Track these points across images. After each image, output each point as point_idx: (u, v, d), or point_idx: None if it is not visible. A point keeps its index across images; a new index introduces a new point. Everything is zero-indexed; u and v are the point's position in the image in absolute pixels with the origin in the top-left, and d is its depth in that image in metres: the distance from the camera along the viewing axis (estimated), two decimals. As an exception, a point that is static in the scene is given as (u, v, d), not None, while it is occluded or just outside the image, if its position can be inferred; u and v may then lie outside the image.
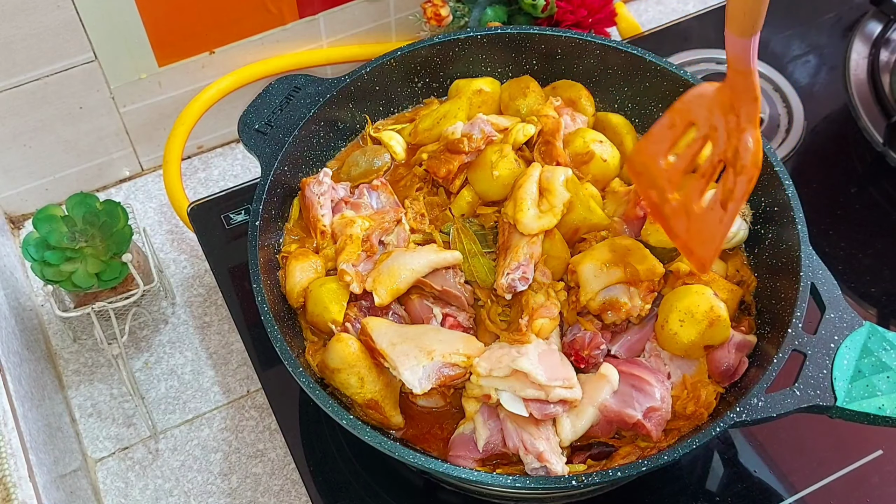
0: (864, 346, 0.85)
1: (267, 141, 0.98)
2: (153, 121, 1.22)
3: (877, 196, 1.19)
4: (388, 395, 0.88)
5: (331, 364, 0.87)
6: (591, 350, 0.89)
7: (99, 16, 1.07)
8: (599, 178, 0.99)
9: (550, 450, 0.83)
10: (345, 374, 0.86)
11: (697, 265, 0.85)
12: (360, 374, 0.86)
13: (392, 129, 1.05)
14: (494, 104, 1.06)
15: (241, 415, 1.09)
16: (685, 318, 0.87)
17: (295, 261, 0.94)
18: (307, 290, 0.93)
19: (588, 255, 0.91)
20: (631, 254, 0.90)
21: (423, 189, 1.01)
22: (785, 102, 1.25)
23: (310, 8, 1.20)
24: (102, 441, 1.07)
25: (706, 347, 0.88)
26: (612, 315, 0.90)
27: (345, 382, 0.87)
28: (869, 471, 0.97)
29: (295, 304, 0.94)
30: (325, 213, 0.97)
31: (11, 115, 1.12)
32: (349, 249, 0.93)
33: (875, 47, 1.27)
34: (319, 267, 0.95)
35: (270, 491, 1.03)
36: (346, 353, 0.86)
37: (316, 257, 0.95)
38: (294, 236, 0.98)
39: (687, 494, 0.96)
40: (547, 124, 0.99)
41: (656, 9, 1.45)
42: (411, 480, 0.97)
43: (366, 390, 0.86)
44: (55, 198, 1.23)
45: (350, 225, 0.95)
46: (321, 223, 0.96)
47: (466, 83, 1.05)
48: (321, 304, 0.91)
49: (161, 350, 1.13)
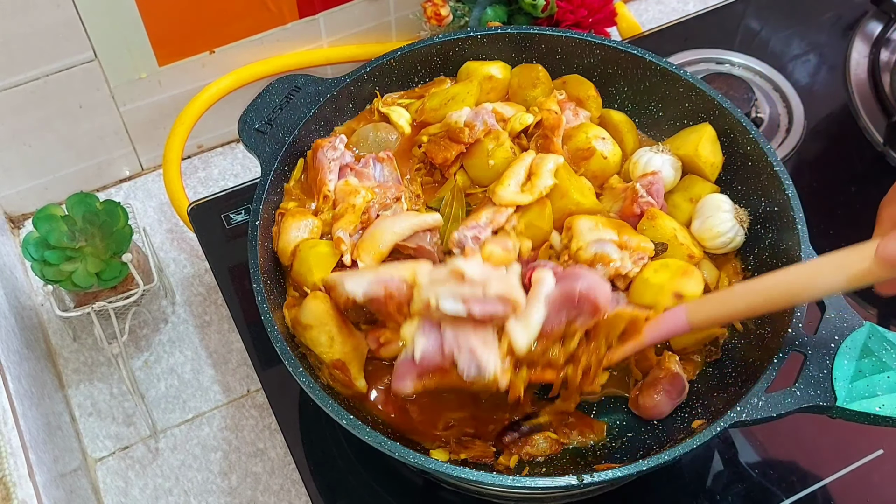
0: (864, 345, 0.85)
1: (267, 140, 0.98)
2: (153, 120, 1.22)
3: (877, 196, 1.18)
4: (355, 357, 0.89)
5: (303, 320, 0.88)
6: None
7: (99, 15, 1.07)
8: (599, 174, 0.99)
9: (485, 347, 0.82)
10: (316, 331, 0.88)
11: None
12: (330, 333, 0.87)
13: (400, 104, 1.05)
14: (503, 91, 1.06)
15: (241, 414, 1.09)
16: (660, 267, 0.90)
17: (291, 218, 0.94)
18: (297, 248, 0.93)
19: (585, 215, 0.93)
20: (625, 228, 0.92)
21: (421, 170, 1.01)
22: (785, 102, 1.25)
23: (310, 8, 1.20)
24: (102, 440, 1.07)
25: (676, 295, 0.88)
26: (600, 269, 0.90)
27: (315, 339, 0.88)
28: (869, 471, 0.97)
29: (286, 263, 0.94)
30: (332, 179, 0.97)
31: (11, 115, 1.12)
32: (348, 218, 0.94)
33: (875, 47, 1.27)
34: (315, 227, 0.95)
35: (270, 490, 1.03)
36: (319, 311, 0.87)
37: (312, 217, 0.95)
38: (294, 196, 0.98)
39: (687, 494, 0.96)
40: (548, 119, 0.99)
41: (656, 9, 1.45)
42: (411, 480, 0.97)
43: (334, 350, 0.88)
44: (55, 197, 1.23)
45: (353, 194, 0.95)
46: (326, 187, 0.96)
47: (477, 66, 1.05)
48: (306, 265, 0.91)
49: (161, 349, 1.13)
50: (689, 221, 0.97)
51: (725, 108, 0.99)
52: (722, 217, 0.95)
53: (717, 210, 0.95)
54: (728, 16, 1.33)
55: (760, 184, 0.96)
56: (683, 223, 0.97)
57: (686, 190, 0.99)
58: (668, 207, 0.98)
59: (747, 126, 0.97)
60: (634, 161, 1.00)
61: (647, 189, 0.96)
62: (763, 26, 1.33)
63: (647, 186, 0.96)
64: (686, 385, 0.91)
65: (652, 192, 0.96)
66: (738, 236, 0.96)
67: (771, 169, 0.94)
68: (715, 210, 0.95)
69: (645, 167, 0.98)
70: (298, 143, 0.99)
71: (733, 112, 0.98)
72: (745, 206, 0.98)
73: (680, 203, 0.98)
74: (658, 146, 1.00)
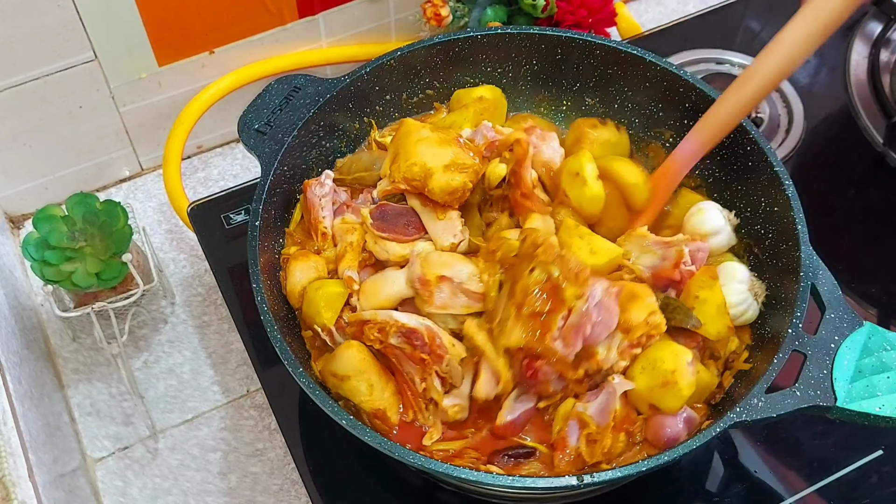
0: (864, 346, 0.85)
1: (267, 141, 0.98)
2: (153, 120, 1.22)
3: (877, 196, 1.19)
4: (395, 402, 0.88)
5: (340, 371, 0.86)
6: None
7: (99, 15, 1.07)
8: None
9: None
10: (355, 380, 0.86)
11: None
12: (369, 381, 0.86)
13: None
14: (496, 110, 1.06)
15: (241, 414, 1.09)
16: (647, 366, 0.85)
17: (295, 261, 0.94)
18: (304, 290, 0.93)
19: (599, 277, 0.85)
20: (636, 301, 0.85)
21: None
22: (785, 102, 1.25)
23: (310, 8, 1.20)
24: (101, 440, 1.07)
25: (651, 406, 0.85)
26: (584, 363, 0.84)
27: (354, 390, 0.86)
28: (869, 471, 0.97)
29: (296, 305, 0.94)
30: (327, 216, 0.97)
31: (11, 115, 1.12)
32: (349, 257, 0.94)
33: (875, 47, 1.27)
34: (319, 266, 0.95)
35: (269, 490, 1.03)
36: (355, 359, 0.86)
37: (315, 258, 0.95)
38: (297, 239, 0.99)
39: (687, 494, 0.96)
40: (517, 151, 0.95)
41: (656, 9, 1.45)
42: (411, 480, 0.97)
43: (374, 398, 0.86)
44: (55, 197, 1.23)
45: (351, 232, 0.95)
46: (322, 225, 0.96)
47: (466, 93, 1.05)
48: (314, 307, 0.91)
49: (160, 349, 1.13)
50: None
51: (725, 108, 0.98)
52: (735, 288, 0.90)
53: (730, 280, 0.90)
54: (728, 16, 1.33)
55: (760, 184, 0.96)
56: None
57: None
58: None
59: (747, 126, 0.97)
60: (692, 213, 0.95)
61: (692, 256, 0.91)
62: (763, 26, 1.33)
63: (693, 253, 0.91)
64: (699, 419, 0.88)
65: (696, 261, 0.91)
66: (750, 310, 0.91)
67: (771, 169, 0.94)
68: (729, 279, 0.90)
69: (701, 224, 0.94)
70: (298, 143, 0.99)
71: (733, 112, 0.98)
72: (746, 207, 0.98)
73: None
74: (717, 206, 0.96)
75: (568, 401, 0.86)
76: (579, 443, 0.84)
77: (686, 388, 0.83)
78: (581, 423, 0.84)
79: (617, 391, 0.84)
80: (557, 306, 0.82)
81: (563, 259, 0.83)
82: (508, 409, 0.87)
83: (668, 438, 0.85)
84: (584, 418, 0.84)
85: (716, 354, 0.90)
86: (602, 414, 0.84)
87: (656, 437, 0.86)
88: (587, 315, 0.81)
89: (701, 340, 0.89)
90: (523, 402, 0.87)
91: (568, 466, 0.85)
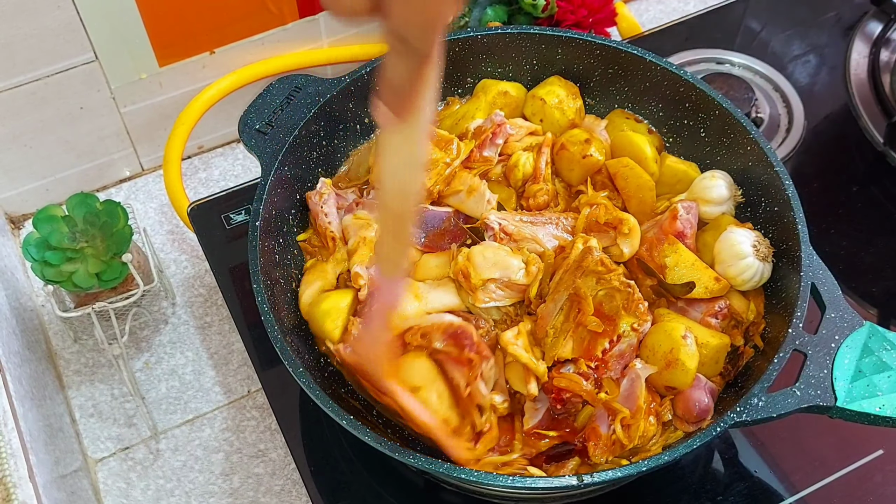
0: (864, 345, 0.85)
1: (267, 141, 0.98)
2: (153, 121, 1.22)
3: (877, 196, 1.19)
4: (453, 416, 0.86)
5: (411, 381, 0.84)
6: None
7: (99, 16, 1.07)
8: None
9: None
10: (425, 391, 0.84)
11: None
12: (438, 390, 0.85)
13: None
14: (516, 108, 1.07)
15: (242, 415, 1.09)
16: (648, 354, 0.88)
17: (306, 276, 0.96)
18: (309, 306, 0.94)
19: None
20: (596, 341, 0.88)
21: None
22: (785, 102, 1.25)
23: (310, 8, 1.20)
24: (103, 441, 1.07)
25: (667, 388, 0.88)
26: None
27: (426, 401, 0.84)
28: (869, 471, 0.97)
29: (307, 320, 0.95)
30: (332, 220, 0.98)
31: (12, 116, 1.12)
32: (362, 252, 0.94)
33: (875, 47, 1.27)
34: (329, 275, 0.95)
35: (272, 491, 1.03)
36: (425, 368, 0.85)
37: (324, 267, 0.96)
38: (314, 244, 0.99)
39: (688, 494, 0.96)
40: (479, 137, 1.00)
41: (656, 9, 1.45)
42: (412, 480, 0.97)
43: (444, 407, 0.85)
44: (55, 198, 1.23)
45: (365, 227, 0.95)
46: (329, 230, 0.97)
47: (494, 83, 1.07)
48: (316, 323, 0.92)
49: (161, 350, 1.13)
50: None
51: (725, 108, 0.99)
52: (744, 264, 0.91)
53: (736, 259, 0.91)
54: (728, 16, 1.33)
55: (760, 184, 0.96)
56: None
57: (716, 229, 0.96)
58: (699, 249, 0.96)
59: (747, 126, 0.97)
60: (704, 177, 0.98)
61: (686, 210, 0.95)
62: (763, 26, 1.33)
63: (687, 209, 0.95)
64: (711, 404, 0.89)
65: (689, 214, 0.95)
66: (765, 272, 0.92)
67: (771, 169, 0.94)
68: (735, 259, 0.92)
69: (708, 191, 0.97)
70: (299, 143, 0.99)
71: (733, 112, 0.98)
72: (746, 206, 0.98)
73: (710, 242, 0.95)
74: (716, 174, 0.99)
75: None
76: (612, 429, 0.85)
77: (690, 361, 0.85)
78: (610, 410, 0.86)
79: (641, 376, 0.86)
80: (610, 330, 0.88)
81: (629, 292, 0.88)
82: (530, 412, 0.89)
83: (700, 411, 0.87)
84: (614, 406, 0.85)
85: (738, 319, 0.92)
86: (630, 400, 0.86)
87: (687, 413, 0.87)
88: (634, 347, 0.88)
89: (715, 306, 0.91)
90: (541, 401, 0.89)
91: (605, 454, 0.85)
